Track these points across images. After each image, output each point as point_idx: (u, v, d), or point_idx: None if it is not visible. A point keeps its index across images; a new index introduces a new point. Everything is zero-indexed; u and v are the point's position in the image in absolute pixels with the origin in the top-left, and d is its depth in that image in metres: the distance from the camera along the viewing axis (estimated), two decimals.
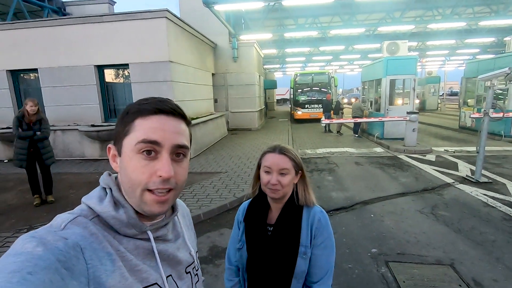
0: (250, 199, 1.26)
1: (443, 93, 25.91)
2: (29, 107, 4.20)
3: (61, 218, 0.54)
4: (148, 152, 0.56)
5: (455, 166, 6.47)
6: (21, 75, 8.27)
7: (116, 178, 0.64)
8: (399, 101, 10.16)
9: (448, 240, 3.34)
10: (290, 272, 1.07)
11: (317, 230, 1.10)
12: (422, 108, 21.28)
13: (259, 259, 1.11)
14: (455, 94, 44.27)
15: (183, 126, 0.62)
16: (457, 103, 21.10)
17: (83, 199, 0.60)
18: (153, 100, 0.60)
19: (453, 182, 5.37)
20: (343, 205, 4.48)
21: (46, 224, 0.51)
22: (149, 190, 0.57)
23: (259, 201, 1.19)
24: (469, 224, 3.70)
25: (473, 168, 6.15)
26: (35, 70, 7.95)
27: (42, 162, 4.45)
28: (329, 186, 5.45)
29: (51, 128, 7.73)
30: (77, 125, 7.72)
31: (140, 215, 0.60)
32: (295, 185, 1.16)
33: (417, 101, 20.16)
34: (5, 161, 7.71)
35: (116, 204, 0.59)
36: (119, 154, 0.60)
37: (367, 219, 3.99)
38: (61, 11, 12.40)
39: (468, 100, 11.69)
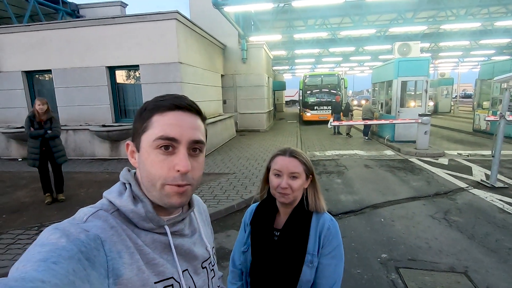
0: (258, 202, 1.23)
1: (456, 95, 25.33)
2: (38, 106, 4.26)
3: (83, 212, 0.56)
4: (166, 147, 0.58)
5: (469, 170, 6.29)
6: (36, 75, 8.48)
7: (135, 173, 0.66)
8: (412, 103, 9.92)
9: (461, 246, 3.23)
10: (294, 280, 1.03)
11: (325, 238, 1.06)
12: (434, 111, 20.83)
13: (264, 264, 1.08)
14: (469, 96, 43.28)
15: (199, 121, 0.64)
16: (471, 106, 20.59)
17: (104, 193, 0.62)
18: (170, 96, 0.62)
19: (467, 187, 5.21)
20: (352, 209, 4.41)
21: (56, 222, 0.52)
22: (167, 184, 0.59)
23: (267, 205, 1.16)
24: (484, 231, 3.57)
25: (488, 172, 5.96)
26: (49, 71, 8.14)
27: (53, 161, 4.51)
28: (338, 188, 5.37)
29: (63, 128, 7.94)
30: (88, 125, 7.86)
31: (158, 209, 0.62)
32: (305, 190, 1.13)
33: (431, 103, 19.78)
34: (19, 159, 7.91)
35: (135, 198, 0.61)
36: (138, 150, 0.62)
37: (377, 223, 3.91)
38: (75, 14, 12.70)
39: (483, 103, 11.38)
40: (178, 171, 0.58)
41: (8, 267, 2.86)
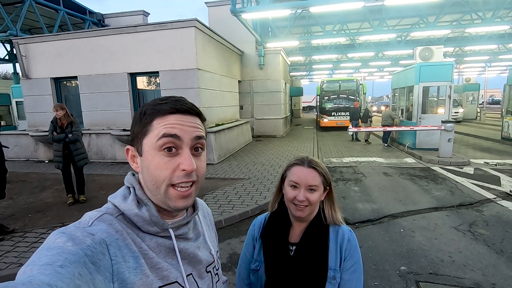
0: (266, 213, 1.14)
1: (483, 102, 24.17)
2: (56, 112, 4.43)
3: (88, 216, 0.57)
4: (169, 149, 0.58)
5: (497, 181, 5.94)
6: (63, 82, 8.94)
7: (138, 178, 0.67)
8: (439, 109, 9.45)
9: (488, 261, 3.03)
10: None
11: (347, 251, 0.99)
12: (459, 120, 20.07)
13: (280, 282, 0.98)
14: (496, 102, 41.22)
15: (199, 121, 0.64)
16: (499, 112, 19.56)
17: (109, 198, 0.63)
18: (169, 99, 0.62)
19: (495, 198, 4.92)
20: (370, 218, 4.26)
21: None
22: (173, 186, 0.59)
23: (279, 217, 1.07)
24: None
25: None
26: (75, 78, 8.55)
27: (74, 164, 4.69)
28: (355, 197, 5.23)
29: (87, 131, 8.28)
30: (110, 129, 8.15)
31: (162, 213, 0.63)
32: (321, 202, 1.06)
33: (461, 109, 19.03)
34: (46, 162, 8.31)
35: (139, 202, 0.61)
36: (140, 154, 0.61)
37: (396, 233, 3.76)
38: (100, 23, 13.34)
39: None
40: (184, 170, 0.58)
41: None
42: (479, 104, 22.70)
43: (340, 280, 0.97)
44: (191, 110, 0.62)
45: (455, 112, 18.54)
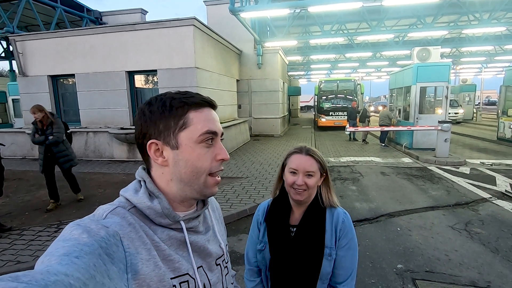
0: (269, 200, 1.25)
1: (479, 102, 24.35)
2: (33, 115, 4.12)
3: (102, 209, 0.58)
4: (209, 141, 0.63)
5: (492, 180, 6.01)
6: (61, 80, 8.88)
7: (148, 171, 0.67)
8: (437, 110, 9.45)
9: (484, 260, 3.07)
10: (315, 273, 1.08)
11: (341, 231, 1.10)
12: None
13: (283, 260, 1.10)
14: (493, 103, 41.53)
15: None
16: (495, 113, 19.72)
17: (121, 191, 0.63)
18: (191, 93, 0.65)
19: (490, 197, 4.97)
20: (367, 217, 4.29)
21: (74, 220, 0.55)
22: (210, 174, 0.64)
23: (281, 202, 1.18)
24: (509, 244, 3.39)
25: None
26: (72, 76, 8.50)
27: (59, 166, 4.44)
28: (352, 196, 5.26)
29: (84, 130, 8.24)
30: (108, 127, 8.12)
31: (173, 206, 0.64)
32: (319, 187, 1.16)
33: (461, 110, 19.01)
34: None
35: (151, 195, 0.62)
36: (176, 147, 0.62)
37: (393, 232, 3.79)
38: (98, 21, 13.26)
39: (508, 110, 10.88)
40: (222, 160, 0.65)
41: (29, 262, 2.98)
42: (476, 105, 22.86)
43: (337, 257, 1.09)
44: (213, 103, 0.67)
45: (455, 113, 18.44)
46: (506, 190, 5.27)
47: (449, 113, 17.41)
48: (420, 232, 3.75)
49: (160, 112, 0.61)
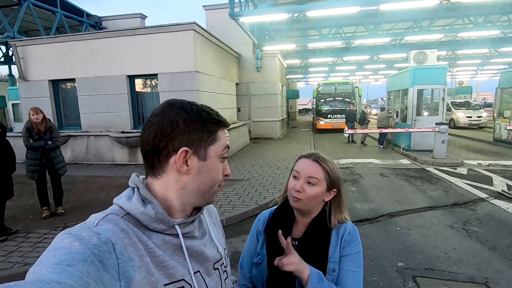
0: (272, 209, 1.15)
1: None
2: (32, 116, 3.99)
3: (94, 216, 0.58)
4: (224, 157, 0.70)
5: (489, 181, 6.11)
6: (61, 84, 8.93)
7: (143, 179, 0.67)
8: (434, 112, 9.56)
9: (481, 257, 3.15)
10: None
11: (346, 242, 1.00)
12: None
13: (282, 276, 0.96)
14: (489, 105, 41.86)
15: None
16: (491, 115, 19.91)
17: (114, 200, 0.63)
18: (212, 111, 0.70)
19: (487, 197, 5.06)
20: (367, 217, 4.37)
21: (79, 223, 0.56)
22: (218, 185, 0.70)
23: (284, 212, 1.08)
24: (505, 242, 3.47)
25: (510, 183, 5.80)
26: (73, 80, 8.56)
27: (54, 173, 4.26)
28: (352, 197, 5.34)
29: (85, 133, 8.29)
30: (109, 131, 8.17)
31: (167, 212, 0.63)
32: (329, 205, 1.04)
33: (484, 114, 17.86)
34: None
35: (144, 201, 0.61)
36: (204, 158, 0.65)
37: (393, 232, 3.86)
38: (97, 26, 13.35)
39: (504, 111, 11.04)
40: (227, 175, 0.72)
41: None
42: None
43: (339, 270, 0.96)
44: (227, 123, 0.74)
45: (478, 117, 16.52)
46: (502, 190, 5.37)
47: (470, 117, 16.26)
48: (419, 231, 3.83)
49: (198, 124, 0.64)
